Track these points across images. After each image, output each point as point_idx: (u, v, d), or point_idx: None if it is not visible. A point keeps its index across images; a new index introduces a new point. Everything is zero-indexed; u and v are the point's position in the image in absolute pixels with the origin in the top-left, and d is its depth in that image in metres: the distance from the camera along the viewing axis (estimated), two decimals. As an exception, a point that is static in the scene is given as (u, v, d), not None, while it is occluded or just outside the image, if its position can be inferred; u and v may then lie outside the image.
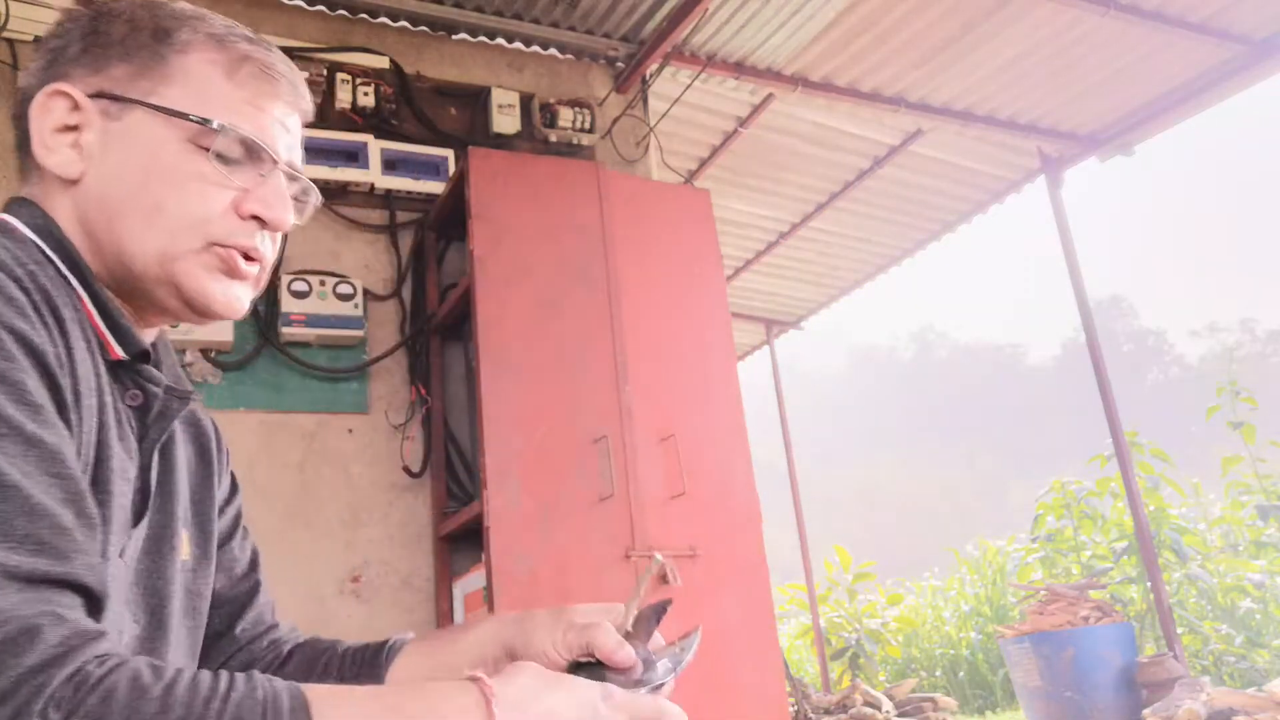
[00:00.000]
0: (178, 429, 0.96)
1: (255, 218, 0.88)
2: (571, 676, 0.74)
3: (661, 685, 0.80)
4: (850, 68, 4.41)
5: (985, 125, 4.85)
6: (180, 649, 0.91)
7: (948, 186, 5.64)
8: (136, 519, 0.85)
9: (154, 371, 0.88)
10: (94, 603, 0.67)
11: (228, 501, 1.07)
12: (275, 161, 0.90)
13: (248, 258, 0.89)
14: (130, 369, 0.86)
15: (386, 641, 1.04)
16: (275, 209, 0.89)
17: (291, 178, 0.93)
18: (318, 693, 0.65)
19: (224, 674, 0.64)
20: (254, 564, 1.09)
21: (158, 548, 0.89)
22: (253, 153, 0.88)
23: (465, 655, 0.95)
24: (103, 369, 0.82)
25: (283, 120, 0.92)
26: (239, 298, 0.89)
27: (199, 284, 0.86)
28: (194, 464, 1.00)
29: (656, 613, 0.86)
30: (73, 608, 0.64)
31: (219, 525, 1.03)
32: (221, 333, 3.08)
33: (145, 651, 0.85)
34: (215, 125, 0.85)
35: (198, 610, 0.95)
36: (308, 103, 0.96)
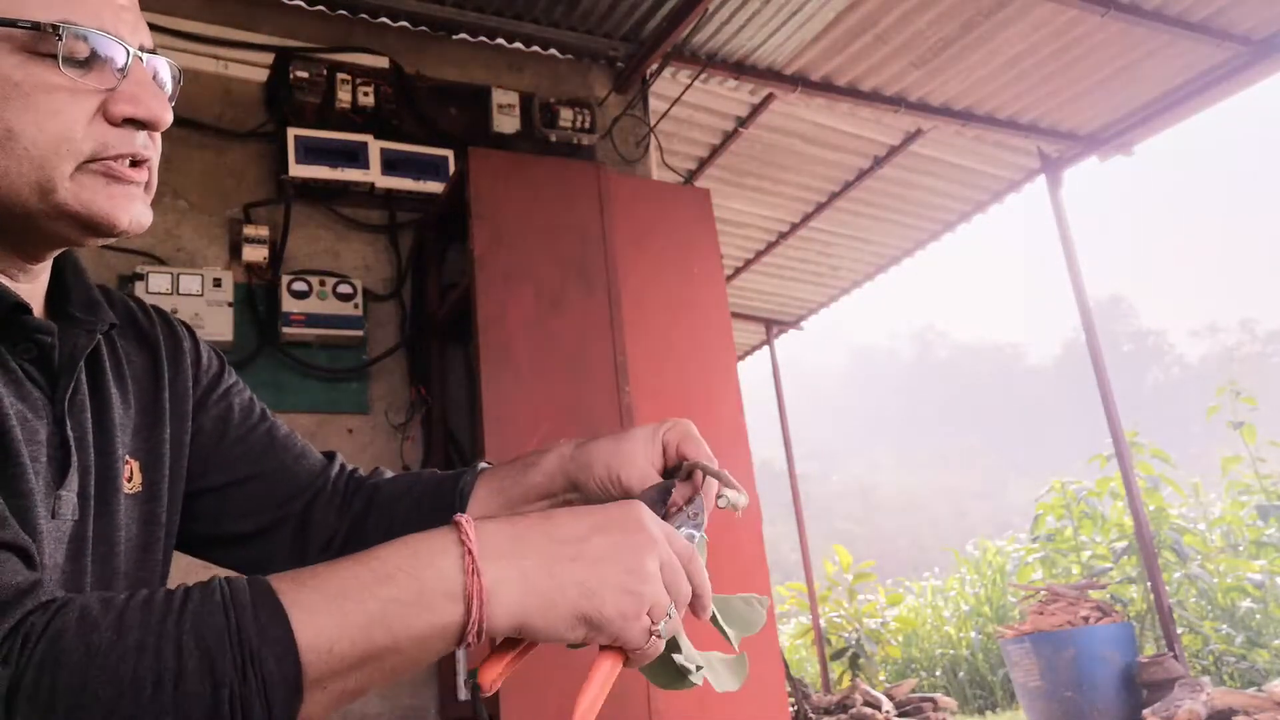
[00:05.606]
0: (104, 352, 0.89)
1: (130, 120, 0.79)
2: (619, 516, 0.71)
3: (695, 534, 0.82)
4: (850, 68, 4.41)
5: (985, 125, 4.85)
6: (134, 587, 0.86)
7: (948, 186, 5.64)
8: (61, 476, 0.78)
9: (41, 321, 0.81)
10: (29, 563, 0.63)
11: (209, 392, 1.00)
12: (128, 50, 0.79)
13: (133, 163, 0.80)
14: (14, 323, 0.79)
15: (461, 475, 1.00)
16: (148, 104, 0.79)
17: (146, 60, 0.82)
18: (284, 577, 0.62)
19: (180, 587, 0.60)
20: (270, 443, 1.03)
21: (101, 492, 0.83)
22: (101, 47, 0.77)
23: (534, 491, 0.95)
24: None
25: None
26: (141, 211, 0.81)
27: (96, 206, 0.78)
28: (143, 381, 0.93)
29: (661, 493, 0.86)
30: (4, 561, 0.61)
31: (209, 417, 0.98)
32: (221, 332, 3.08)
33: None
34: (48, 27, 0.74)
35: (153, 538, 0.90)
36: None
